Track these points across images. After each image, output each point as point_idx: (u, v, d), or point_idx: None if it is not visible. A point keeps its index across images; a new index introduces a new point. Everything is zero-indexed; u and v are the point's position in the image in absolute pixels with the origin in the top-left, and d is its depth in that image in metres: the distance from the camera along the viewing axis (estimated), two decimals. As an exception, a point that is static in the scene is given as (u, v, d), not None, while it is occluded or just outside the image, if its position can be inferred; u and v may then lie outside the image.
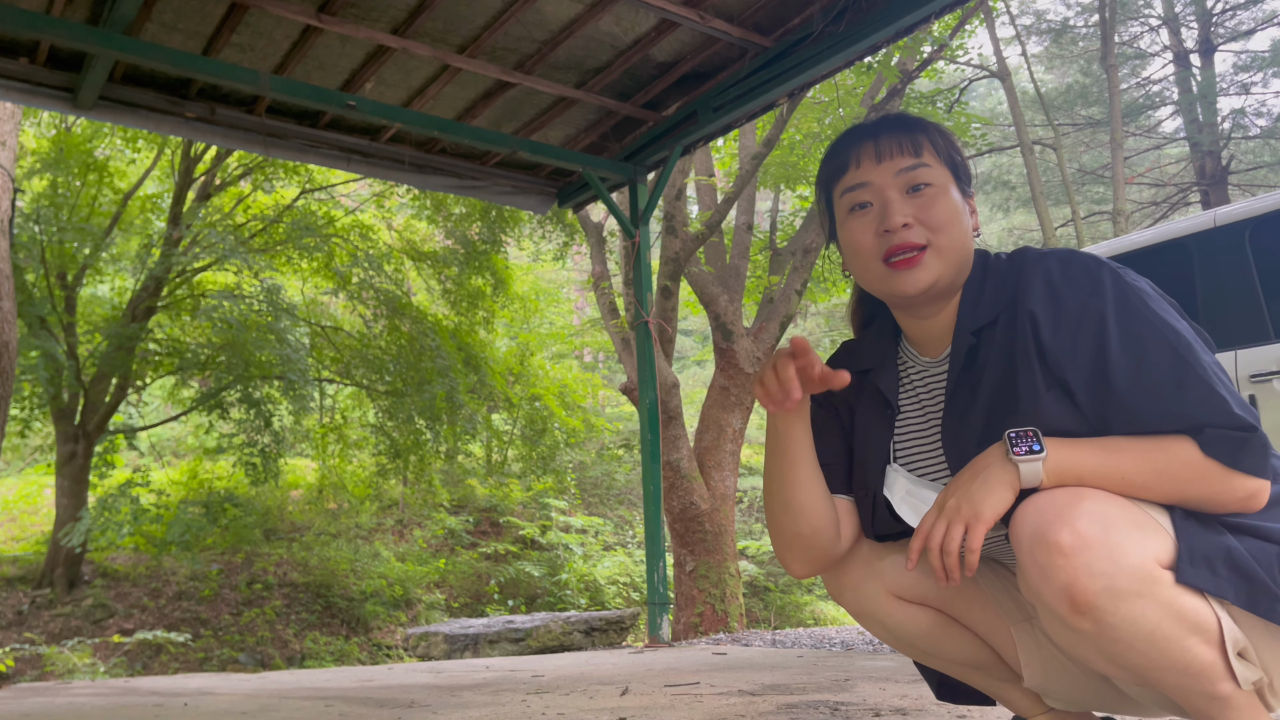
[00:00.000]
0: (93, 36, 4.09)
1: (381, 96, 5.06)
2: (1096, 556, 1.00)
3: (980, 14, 11.14)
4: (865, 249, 1.26)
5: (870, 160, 1.26)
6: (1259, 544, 1.07)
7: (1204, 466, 1.07)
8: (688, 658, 4.33)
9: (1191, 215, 4.04)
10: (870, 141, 1.27)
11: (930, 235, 1.23)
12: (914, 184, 1.24)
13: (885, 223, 1.23)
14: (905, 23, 4.31)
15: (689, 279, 9.33)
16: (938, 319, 1.30)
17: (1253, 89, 17.10)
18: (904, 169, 1.25)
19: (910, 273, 1.22)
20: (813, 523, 1.30)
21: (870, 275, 1.27)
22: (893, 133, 1.27)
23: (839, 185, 1.30)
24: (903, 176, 1.25)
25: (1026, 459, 1.09)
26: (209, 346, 10.00)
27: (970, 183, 1.31)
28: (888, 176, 1.25)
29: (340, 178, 11.01)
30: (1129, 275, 1.18)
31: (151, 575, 10.36)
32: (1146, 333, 1.12)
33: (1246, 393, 3.34)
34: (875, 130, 1.28)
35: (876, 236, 1.25)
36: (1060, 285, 1.18)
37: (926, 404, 1.34)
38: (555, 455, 14.11)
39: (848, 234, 1.29)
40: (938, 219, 1.23)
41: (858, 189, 1.27)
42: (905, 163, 1.25)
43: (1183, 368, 1.10)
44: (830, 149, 1.34)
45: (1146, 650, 1.02)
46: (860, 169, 1.27)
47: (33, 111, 9.31)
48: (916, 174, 1.24)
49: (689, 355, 24.18)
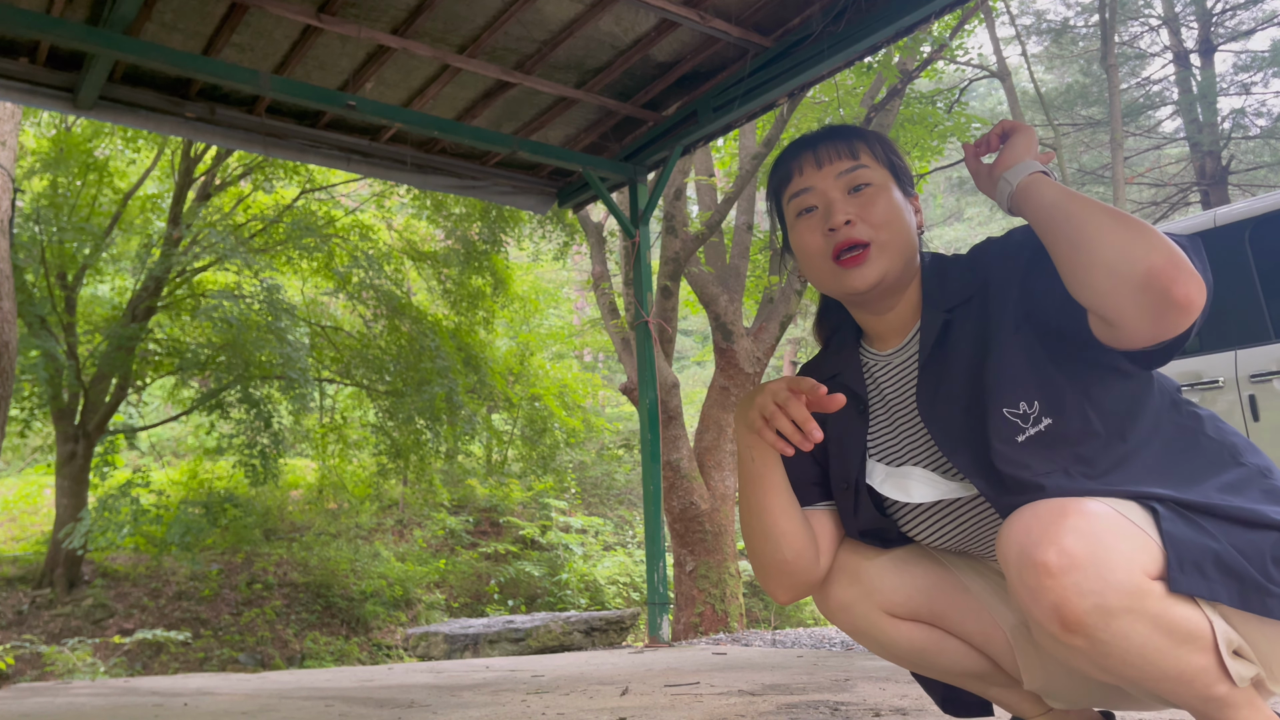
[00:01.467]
0: (93, 36, 4.09)
1: (381, 96, 5.06)
2: (1085, 575, 1.00)
3: (980, 14, 11.14)
4: (814, 249, 1.32)
5: (811, 166, 1.33)
6: (1245, 534, 1.07)
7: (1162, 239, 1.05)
8: (688, 658, 4.33)
9: (1191, 215, 4.04)
10: (809, 150, 1.35)
11: (873, 232, 1.28)
12: (854, 184, 1.31)
13: (829, 221, 1.29)
14: (905, 23, 4.31)
15: (689, 279, 9.33)
16: (895, 312, 1.35)
17: (1253, 89, 17.10)
18: (843, 171, 1.32)
19: (859, 270, 1.28)
20: (794, 546, 1.32)
21: (822, 275, 1.32)
22: (831, 140, 1.35)
23: (785, 193, 1.37)
24: (843, 178, 1.31)
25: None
26: (209, 346, 10.00)
27: (912, 184, 1.38)
28: (829, 179, 1.32)
29: (340, 178, 11.01)
30: None
31: (151, 575, 10.36)
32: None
33: (1246, 393, 3.34)
34: (815, 140, 1.36)
35: (823, 236, 1.30)
36: (1013, 242, 1.25)
37: (889, 395, 1.37)
38: (555, 455, 14.12)
39: (797, 237, 1.35)
40: (879, 216, 1.29)
41: (802, 194, 1.34)
42: (844, 165, 1.32)
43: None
44: (775, 162, 1.40)
45: (1140, 662, 1.03)
46: (804, 175, 1.34)
47: (33, 111, 9.31)
48: (856, 175, 1.31)
49: (689, 355, 24.18)
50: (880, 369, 1.39)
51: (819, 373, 1.45)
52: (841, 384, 1.40)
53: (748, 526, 1.34)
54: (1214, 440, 1.20)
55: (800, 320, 19.78)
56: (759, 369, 9.17)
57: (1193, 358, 3.53)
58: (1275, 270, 3.38)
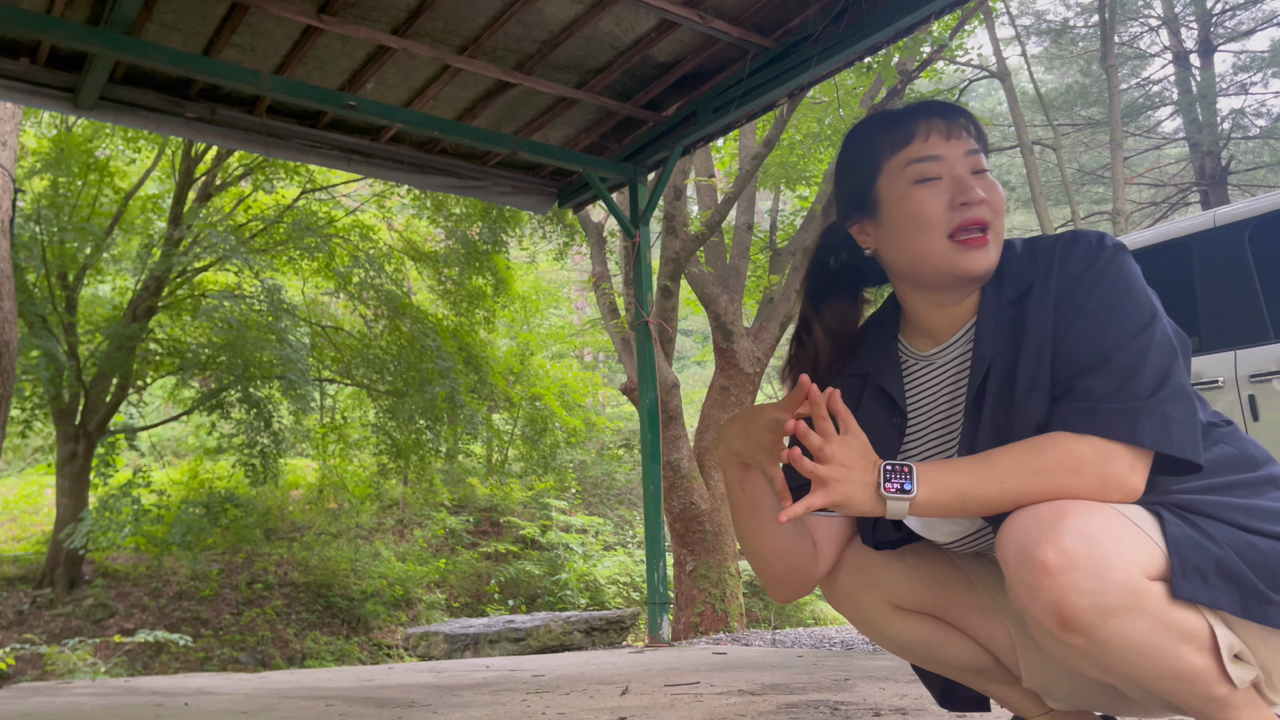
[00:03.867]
0: (93, 37, 4.09)
1: (382, 97, 5.06)
2: (1083, 575, 1.00)
3: (980, 14, 11.13)
4: (935, 221, 1.23)
5: (940, 135, 1.25)
6: (1251, 541, 1.06)
7: (1080, 458, 1.07)
8: (688, 657, 4.33)
9: (1191, 215, 4.05)
10: (940, 119, 1.26)
11: (994, 218, 1.23)
12: (978, 167, 1.25)
13: (965, 195, 1.22)
14: (905, 23, 4.31)
15: (689, 279, 9.34)
16: (959, 306, 1.29)
17: (1252, 89, 17.11)
18: (971, 150, 1.25)
19: (981, 251, 1.22)
20: (788, 562, 1.31)
21: (931, 250, 1.24)
22: (959, 116, 1.27)
23: (902, 154, 1.26)
24: (971, 158, 1.25)
25: (896, 497, 1.09)
26: (209, 346, 10.00)
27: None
28: (958, 154, 1.25)
29: (341, 178, 11.02)
30: (1125, 260, 1.19)
31: (152, 575, 10.36)
32: (1111, 307, 1.15)
33: (1246, 393, 3.34)
34: (942, 109, 1.28)
35: (949, 210, 1.23)
36: (1063, 268, 1.21)
37: (925, 399, 1.32)
38: (555, 455, 14.12)
39: (914, 204, 1.25)
40: (999, 204, 1.24)
41: (928, 161, 1.25)
42: (971, 145, 1.26)
43: (1126, 345, 1.11)
44: (887, 119, 1.30)
45: (1139, 661, 1.03)
46: (929, 142, 1.25)
47: (33, 111, 9.31)
48: (979, 158, 1.26)
49: (689, 355, 24.18)
50: (920, 370, 1.33)
51: (851, 364, 1.39)
52: (875, 386, 1.35)
53: (742, 544, 1.34)
54: (1231, 450, 1.19)
55: (800, 320, 19.76)
56: (759, 369, 9.18)
57: (1193, 358, 3.54)
58: (1275, 270, 3.38)
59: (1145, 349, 1.10)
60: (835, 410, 1.12)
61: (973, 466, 1.10)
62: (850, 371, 1.39)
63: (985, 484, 1.09)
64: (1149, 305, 1.14)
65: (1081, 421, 1.08)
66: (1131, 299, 1.14)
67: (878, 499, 1.10)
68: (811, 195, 10.73)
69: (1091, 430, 1.07)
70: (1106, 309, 1.14)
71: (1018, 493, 1.08)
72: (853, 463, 1.10)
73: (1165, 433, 1.06)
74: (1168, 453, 1.07)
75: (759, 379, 9.23)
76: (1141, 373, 1.09)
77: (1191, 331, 3.55)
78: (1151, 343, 1.11)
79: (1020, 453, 1.09)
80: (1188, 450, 1.07)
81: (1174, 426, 1.07)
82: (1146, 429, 1.06)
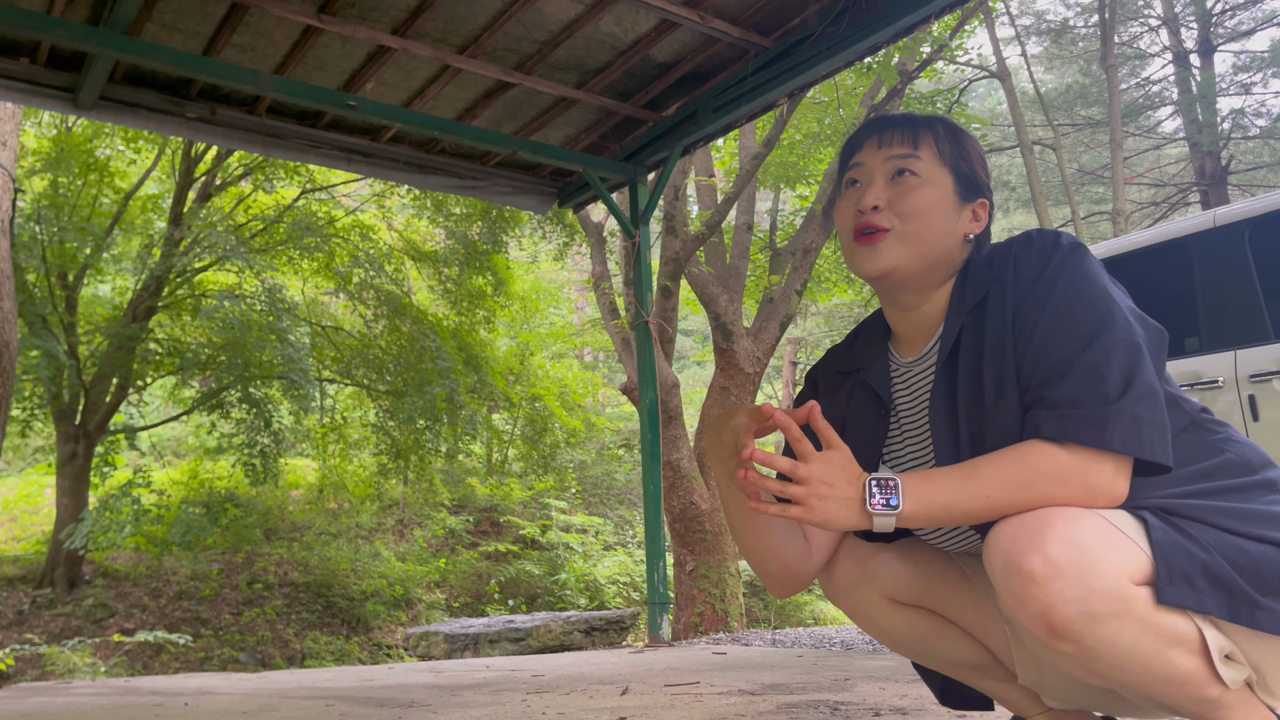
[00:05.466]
0: (93, 37, 4.09)
1: (382, 97, 5.06)
2: (1069, 583, 1.01)
3: (980, 14, 11.14)
4: (843, 223, 1.33)
5: (873, 145, 1.33)
6: (1238, 545, 1.06)
7: (1066, 467, 1.07)
8: (688, 657, 4.33)
9: (1191, 215, 4.05)
10: (877, 131, 1.34)
11: (897, 221, 1.26)
12: (898, 170, 1.29)
13: (859, 203, 1.29)
14: (905, 23, 4.31)
15: (689, 279, 9.34)
16: (919, 312, 1.31)
17: (1252, 89, 17.11)
18: (894, 156, 1.30)
19: (869, 250, 1.27)
20: (779, 558, 1.33)
21: (845, 250, 1.33)
22: (898, 126, 1.33)
23: (848, 165, 1.38)
24: (891, 163, 1.29)
25: (882, 513, 1.10)
26: (210, 346, 10.01)
27: (978, 192, 1.32)
28: (879, 161, 1.31)
29: (341, 178, 11.02)
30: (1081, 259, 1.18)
31: (152, 575, 10.37)
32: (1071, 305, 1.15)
33: (1246, 393, 3.34)
34: (887, 122, 1.35)
35: (853, 214, 1.30)
36: (1018, 272, 1.22)
37: (903, 406, 1.35)
38: (555, 455, 14.13)
39: (837, 210, 1.36)
40: (909, 207, 1.26)
41: (854, 168, 1.34)
42: (899, 151, 1.30)
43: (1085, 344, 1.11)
44: (852, 134, 1.41)
45: (1130, 666, 1.04)
46: (863, 151, 1.33)
47: (33, 111, 9.31)
48: (904, 163, 1.29)
49: (689, 355, 24.19)
50: (902, 376, 1.36)
51: (843, 361, 1.44)
52: (863, 381, 1.39)
53: (736, 540, 1.36)
54: (1225, 454, 1.18)
55: (800, 320, 19.78)
56: (759, 369, 9.18)
57: (1193, 357, 3.53)
58: (1275, 270, 3.38)
59: (1109, 350, 1.10)
60: (816, 427, 1.14)
61: (959, 479, 1.11)
62: (846, 367, 1.43)
63: (972, 498, 1.10)
64: (1107, 304, 1.14)
65: (1056, 429, 1.09)
66: (1089, 300, 1.14)
67: (862, 514, 1.11)
68: (811, 195, 10.73)
69: (1066, 438, 1.08)
70: (1063, 313, 1.14)
71: (1005, 505, 1.09)
72: (834, 480, 1.11)
73: (1136, 436, 1.07)
74: (1139, 456, 1.07)
75: (759, 379, 9.23)
76: (1108, 376, 1.08)
77: (1191, 331, 3.55)
78: (1115, 343, 1.10)
79: (1005, 464, 1.10)
80: (1158, 453, 1.07)
81: (1145, 428, 1.07)
82: (1117, 433, 1.06)
